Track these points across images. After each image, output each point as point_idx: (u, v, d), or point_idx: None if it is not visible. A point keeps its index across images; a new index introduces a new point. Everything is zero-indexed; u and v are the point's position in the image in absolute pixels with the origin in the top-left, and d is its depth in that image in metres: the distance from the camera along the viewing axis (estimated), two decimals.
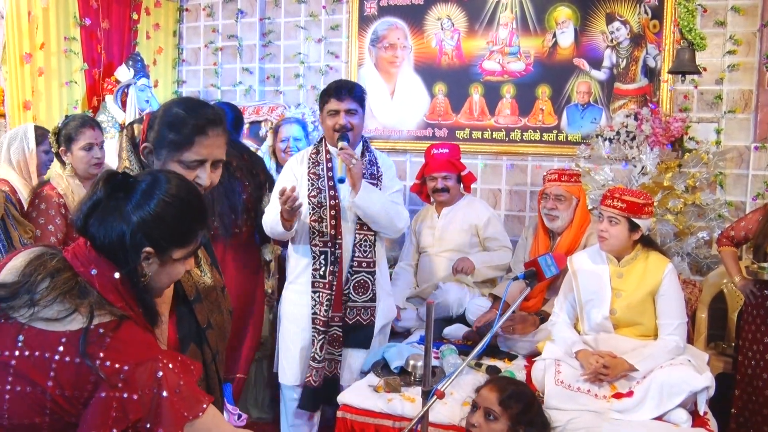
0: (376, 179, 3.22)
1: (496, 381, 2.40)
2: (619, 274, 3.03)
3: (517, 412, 2.24)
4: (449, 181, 4.07)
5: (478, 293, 3.92)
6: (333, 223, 3.14)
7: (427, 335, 2.22)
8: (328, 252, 3.15)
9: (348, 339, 3.22)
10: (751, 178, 4.20)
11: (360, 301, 3.20)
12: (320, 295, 3.16)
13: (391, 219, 3.14)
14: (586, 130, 4.55)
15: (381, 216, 3.12)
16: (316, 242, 3.16)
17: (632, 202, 2.94)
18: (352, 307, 3.20)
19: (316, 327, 3.17)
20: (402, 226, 3.22)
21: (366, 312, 3.22)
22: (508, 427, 2.23)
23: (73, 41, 4.66)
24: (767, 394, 3.44)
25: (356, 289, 3.19)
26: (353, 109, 3.15)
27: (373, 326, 3.26)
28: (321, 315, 3.15)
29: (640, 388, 2.76)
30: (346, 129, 3.12)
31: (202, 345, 1.82)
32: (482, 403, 2.28)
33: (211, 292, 1.86)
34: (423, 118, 4.99)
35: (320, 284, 3.16)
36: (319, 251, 3.15)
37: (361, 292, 3.20)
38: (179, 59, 5.65)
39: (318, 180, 3.17)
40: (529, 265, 2.56)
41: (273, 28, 5.38)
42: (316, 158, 3.23)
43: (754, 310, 3.53)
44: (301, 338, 3.23)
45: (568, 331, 3.09)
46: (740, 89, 4.26)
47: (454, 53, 4.86)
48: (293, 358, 3.25)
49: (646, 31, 4.39)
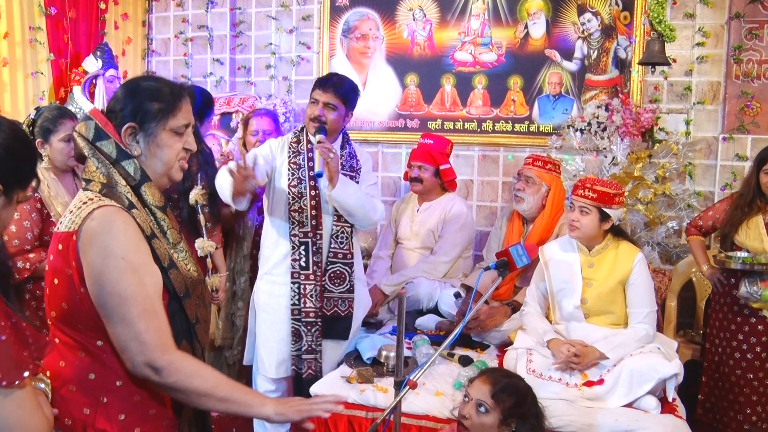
0: (355, 172, 3.21)
1: (490, 373, 2.36)
2: (589, 264, 3.05)
3: (509, 406, 2.21)
4: (425, 173, 4.06)
5: (449, 284, 3.92)
6: (314, 213, 3.12)
7: (399, 326, 2.21)
8: (309, 242, 3.12)
9: (326, 330, 3.20)
10: (719, 169, 4.25)
11: (337, 292, 3.18)
12: (301, 286, 3.13)
13: (366, 212, 3.13)
14: (558, 120, 4.57)
15: (357, 209, 3.10)
16: (296, 232, 3.13)
17: (603, 192, 2.96)
18: (329, 298, 3.18)
19: (301, 319, 3.14)
20: (377, 218, 3.21)
21: (344, 303, 3.20)
22: (499, 420, 2.20)
23: (39, 31, 4.56)
24: (733, 380, 3.51)
25: (332, 279, 3.17)
26: (332, 104, 3.11)
27: (351, 318, 3.25)
28: (307, 306, 3.13)
29: (611, 376, 2.79)
30: (320, 120, 3.09)
31: (192, 341, 1.81)
32: (474, 394, 2.26)
33: (197, 286, 1.84)
34: (395, 109, 4.98)
35: (301, 275, 3.13)
36: (299, 241, 3.13)
37: (337, 282, 3.18)
38: (149, 50, 5.57)
39: (298, 170, 3.14)
40: (500, 255, 2.56)
41: (244, 18, 5.33)
42: (296, 147, 3.19)
43: (722, 298, 3.59)
44: (278, 330, 3.20)
45: (539, 320, 3.11)
46: (709, 81, 4.31)
47: (426, 44, 4.86)
48: (272, 350, 3.21)
49: (616, 22, 4.42)
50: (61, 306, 1.62)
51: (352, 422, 2.83)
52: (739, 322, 3.49)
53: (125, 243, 1.61)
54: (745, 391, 3.47)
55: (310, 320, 3.13)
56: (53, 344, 1.68)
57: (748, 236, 3.45)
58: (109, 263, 1.58)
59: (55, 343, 1.67)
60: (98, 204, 1.64)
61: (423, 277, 3.89)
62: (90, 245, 1.59)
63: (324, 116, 3.09)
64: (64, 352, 1.65)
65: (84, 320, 1.61)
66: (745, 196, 3.52)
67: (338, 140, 3.24)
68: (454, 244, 4.00)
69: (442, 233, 4.02)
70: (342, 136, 3.27)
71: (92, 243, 1.59)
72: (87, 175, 1.72)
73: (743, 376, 3.47)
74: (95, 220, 1.60)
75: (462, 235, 4.03)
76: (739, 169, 4.18)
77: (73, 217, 1.64)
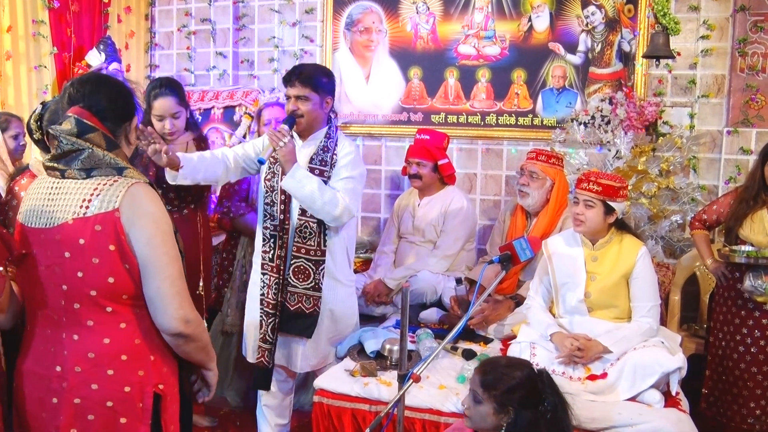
0: (326, 166, 3.12)
1: (484, 363, 2.31)
2: (593, 258, 3.05)
3: (499, 393, 2.16)
4: (423, 169, 4.06)
5: (452, 278, 3.92)
6: (282, 208, 3.12)
7: (403, 319, 2.22)
8: (276, 236, 3.13)
9: (289, 326, 3.16)
10: (723, 162, 4.24)
11: (300, 288, 3.14)
12: (268, 278, 3.14)
13: (323, 206, 3.00)
14: (561, 114, 4.56)
15: (310, 202, 3.00)
16: (267, 225, 3.14)
17: (608, 185, 2.96)
18: (293, 293, 3.15)
19: (263, 309, 3.15)
20: (338, 213, 3.04)
21: (308, 301, 3.15)
22: (494, 409, 2.16)
23: (42, 24, 4.56)
24: (737, 374, 3.50)
25: (296, 274, 3.13)
26: (303, 96, 3.06)
27: (317, 316, 3.17)
28: (269, 297, 3.14)
29: (614, 370, 2.79)
30: (297, 115, 3.05)
31: None
32: (471, 385, 2.24)
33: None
34: (398, 103, 4.97)
35: (268, 267, 3.14)
36: (269, 234, 3.13)
37: (301, 278, 3.14)
38: (151, 43, 5.56)
39: (274, 164, 3.13)
40: (504, 248, 2.57)
41: (247, 11, 5.31)
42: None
43: (726, 292, 3.58)
44: (254, 318, 3.23)
45: (543, 314, 3.10)
46: (713, 74, 4.29)
47: (430, 37, 4.84)
48: (251, 338, 3.27)
49: (620, 15, 4.40)
50: (106, 281, 1.79)
51: (356, 416, 2.84)
52: (743, 315, 3.48)
53: (163, 212, 1.87)
54: (749, 384, 3.46)
55: (269, 311, 3.12)
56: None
57: (753, 230, 3.43)
58: (158, 227, 1.83)
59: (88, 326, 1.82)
60: (131, 182, 1.83)
61: (426, 271, 3.90)
62: (137, 216, 1.80)
63: (299, 110, 3.07)
64: (103, 330, 1.83)
65: (128, 289, 1.82)
66: (749, 189, 3.50)
67: (322, 131, 3.18)
68: (456, 238, 4.01)
69: (443, 228, 4.03)
70: (327, 129, 3.20)
71: (139, 213, 1.80)
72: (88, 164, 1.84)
73: (747, 369, 3.46)
74: (136, 195, 1.81)
75: (463, 228, 4.03)
76: (743, 162, 4.17)
77: (103, 199, 1.79)
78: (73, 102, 1.91)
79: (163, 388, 1.89)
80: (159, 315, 1.83)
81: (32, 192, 1.91)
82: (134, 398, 1.84)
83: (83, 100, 1.90)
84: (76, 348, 1.82)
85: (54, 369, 1.83)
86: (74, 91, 1.92)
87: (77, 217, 1.78)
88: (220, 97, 5.04)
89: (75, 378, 1.81)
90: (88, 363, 1.81)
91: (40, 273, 1.85)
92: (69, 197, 1.81)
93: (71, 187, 1.83)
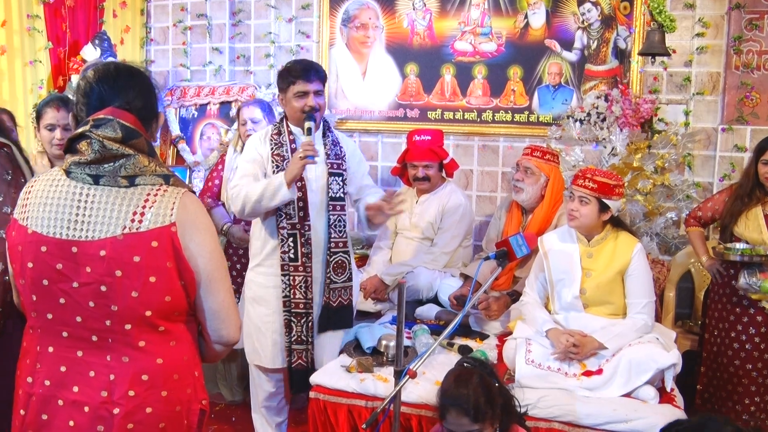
0: (340, 159, 3.20)
1: (454, 405, 2.23)
2: (589, 254, 3.06)
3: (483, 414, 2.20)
4: (430, 170, 4.05)
5: (449, 274, 3.93)
6: (300, 205, 3.11)
7: (399, 315, 2.22)
8: (297, 234, 3.12)
9: (332, 321, 3.21)
10: (718, 160, 4.26)
11: (340, 282, 3.18)
12: (291, 278, 3.12)
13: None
14: (557, 111, 4.57)
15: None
16: (284, 225, 3.11)
17: (603, 182, 2.96)
18: (334, 289, 3.18)
19: (291, 310, 3.13)
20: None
21: (345, 292, 3.21)
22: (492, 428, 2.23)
23: (37, 19, 4.54)
24: (731, 371, 3.52)
25: (336, 270, 3.17)
26: (320, 90, 3.12)
27: (352, 305, 3.26)
28: (296, 298, 3.12)
29: (609, 366, 2.80)
30: (316, 110, 3.09)
31: None
32: (459, 429, 2.28)
33: None
34: (395, 99, 4.97)
35: (290, 267, 3.12)
36: (287, 233, 3.11)
37: (340, 272, 3.18)
38: (147, 38, 5.54)
39: (283, 162, 3.12)
40: (500, 245, 2.57)
41: (243, 6, 5.30)
42: (278, 139, 3.17)
43: (721, 289, 3.60)
44: (272, 321, 3.19)
45: (539, 310, 3.11)
46: (708, 71, 4.31)
47: (426, 33, 4.84)
48: (267, 342, 3.20)
49: (616, 12, 4.41)
50: (164, 300, 1.68)
51: (352, 411, 2.84)
52: (738, 312, 3.50)
53: (210, 220, 1.79)
54: (744, 381, 3.48)
55: (300, 311, 3.12)
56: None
57: (748, 227, 3.45)
58: (214, 239, 1.76)
59: (140, 347, 1.68)
60: (180, 191, 1.70)
61: (423, 267, 3.90)
62: (194, 229, 1.70)
63: (318, 104, 3.10)
64: (155, 351, 1.70)
65: (182, 306, 1.73)
66: (744, 186, 3.52)
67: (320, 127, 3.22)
68: (453, 235, 4.01)
69: (441, 225, 4.03)
70: (323, 124, 3.26)
71: (195, 226, 1.70)
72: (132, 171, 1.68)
73: (742, 366, 3.48)
74: (188, 207, 1.70)
75: (461, 225, 4.03)
76: (738, 160, 4.19)
77: (157, 213, 1.65)
78: (104, 101, 1.71)
79: (205, 404, 1.83)
80: (224, 327, 1.79)
81: (44, 195, 1.69)
82: (182, 417, 1.76)
83: (117, 98, 1.72)
84: (126, 371, 1.67)
85: (98, 395, 1.66)
86: (104, 88, 1.72)
87: (129, 233, 1.63)
88: (216, 93, 5.03)
89: (130, 403, 1.66)
90: (142, 386, 1.67)
91: (61, 288, 1.65)
92: (111, 208, 1.64)
93: (111, 196, 1.65)
